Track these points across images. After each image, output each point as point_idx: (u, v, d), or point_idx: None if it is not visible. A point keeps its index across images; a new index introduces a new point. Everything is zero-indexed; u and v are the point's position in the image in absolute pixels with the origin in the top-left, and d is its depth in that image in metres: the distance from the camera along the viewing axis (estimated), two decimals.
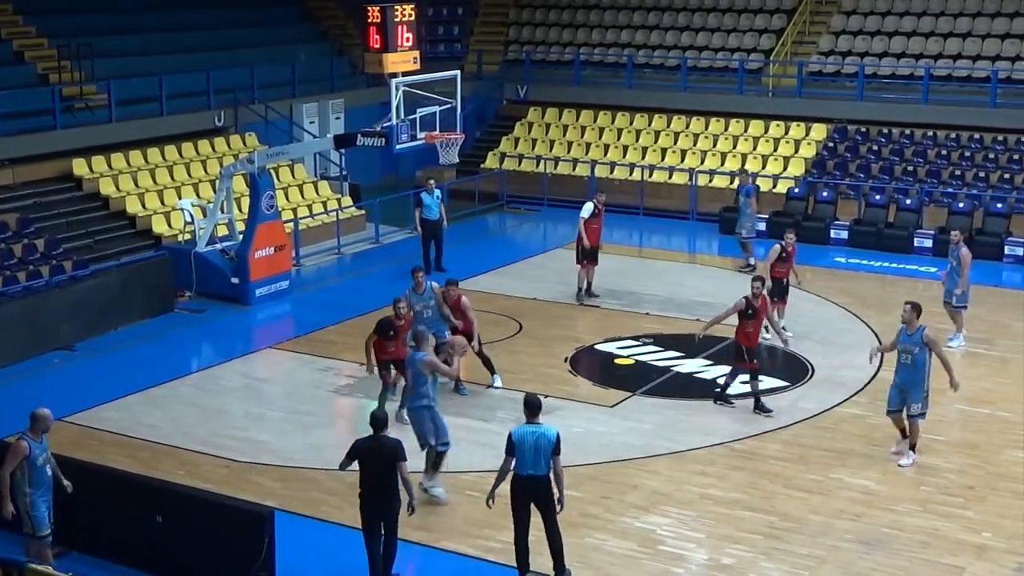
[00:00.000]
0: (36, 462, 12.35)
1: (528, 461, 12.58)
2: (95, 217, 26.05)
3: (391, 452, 12.55)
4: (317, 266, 26.83)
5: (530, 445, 12.55)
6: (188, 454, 16.44)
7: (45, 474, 12.49)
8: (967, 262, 20.41)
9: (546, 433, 12.64)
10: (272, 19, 35.54)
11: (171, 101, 28.83)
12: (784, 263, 20.82)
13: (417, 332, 15.52)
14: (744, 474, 15.74)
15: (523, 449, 12.56)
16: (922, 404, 15.81)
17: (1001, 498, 15.05)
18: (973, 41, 32.52)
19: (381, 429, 12.70)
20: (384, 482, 12.62)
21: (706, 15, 36.41)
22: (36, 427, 12.47)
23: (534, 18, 38.82)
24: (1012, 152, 29.90)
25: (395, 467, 12.52)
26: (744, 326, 17.65)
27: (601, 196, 23.87)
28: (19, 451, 12.30)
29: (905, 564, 13.41)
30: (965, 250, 20.50)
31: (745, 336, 17.67)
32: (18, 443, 12.37)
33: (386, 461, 12.54)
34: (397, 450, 12.56)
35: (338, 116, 32.39)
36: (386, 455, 12.55)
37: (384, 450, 12.59)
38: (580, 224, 23.19)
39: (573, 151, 33.88)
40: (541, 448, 12.56)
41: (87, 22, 29.64)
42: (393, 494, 12.65)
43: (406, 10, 23.77)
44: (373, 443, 12.68)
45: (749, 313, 17.59)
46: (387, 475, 12.59)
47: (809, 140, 31.98)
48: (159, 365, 20.06)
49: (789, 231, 21.58)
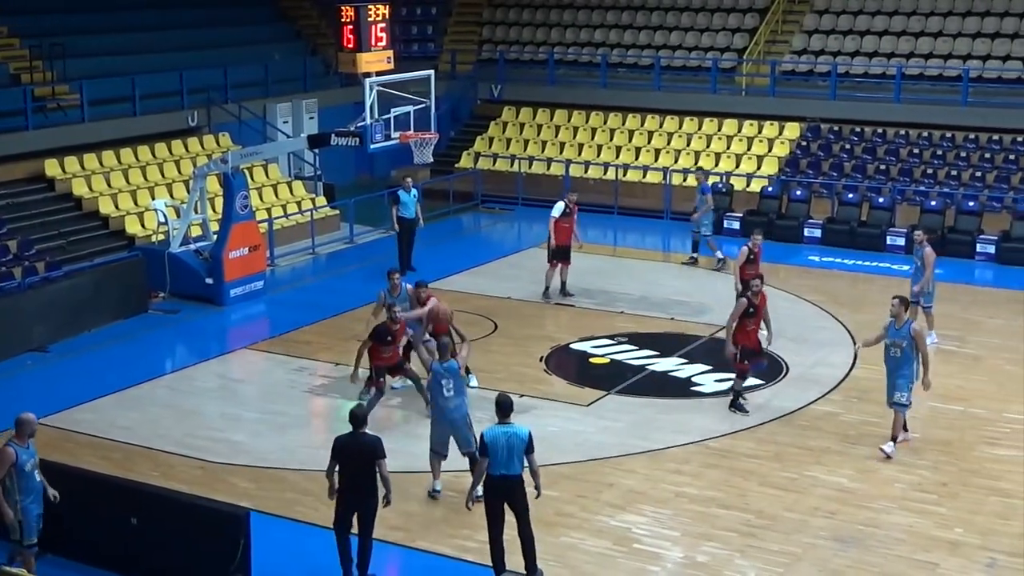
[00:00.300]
0: (24, 468, 12.13)
1: (501, 461, 12.60)
2: (68, 218, 25.92)
3: (370, 449, 12.56)
4: (292, 266, 26.77)
5: (503, 445, 12.58)
6: (163, 455, 16.39)
7: (34, 480, 12.28)
8: (930, 261, 20.45)
9: (518, 432, 12.67)
10: (245, 19, 35.45)
11: (144, 101, 28.71)
12: (753, 264, 20.88)
13: (442, 344, 15.22)
14: (719, 472, 15.78)
15: (496, 449, 12.57)
16: (908, 395, 16.04)
17: (974, 494, 15.14)
18: (944, 40, 32.70)
19: (360, 426, 12.69)
20: (362, 479, 12.63)
21: (679, 14, 36.49)
22: (21, 432, 12.24)
23: (508, 18, 38.83)
24: (983, 151, 30.08)
25: (373, 464, 12.52)
26: (745, 325, 17.63)
27: (572, 195, 23.84)
28: (6, 458, 12.04)
29: (879, 561, 13.47)
30: (929, 249, 20.56)
31: (745, 335, 17.64)
32: (4, 450, 12.11)
33: (365, 458, 12.55)
34: (376, 447, 12.57)
35: (312, 116, 32.32)
36: (365, 452, 12.56)
37: (363, 447, 12.60)
38: (550, 223, 23.22)
39: (547, 150, 33.90)
40: (514, 448, 12.59)
41: (59, 22, 29.50)
42: (371, 491, 12.66)
43: (380, 10, 23.73)
44: (352, 440, 12.68)
45: (751, 312, 17.60)
46: (365, 472, 12.59)
47: (782, 139, 32.09)
48: (133, 366, 19.98)
49: (756, 232, 21.62)
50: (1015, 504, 14.84)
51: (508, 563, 12.91)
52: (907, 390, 16.02)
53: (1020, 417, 17.57)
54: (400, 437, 16.80)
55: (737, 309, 17.62)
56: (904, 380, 16.01)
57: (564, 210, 23.32)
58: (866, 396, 18.37)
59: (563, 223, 23.27)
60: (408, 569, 13.75)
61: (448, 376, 14.65)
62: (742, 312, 17.49)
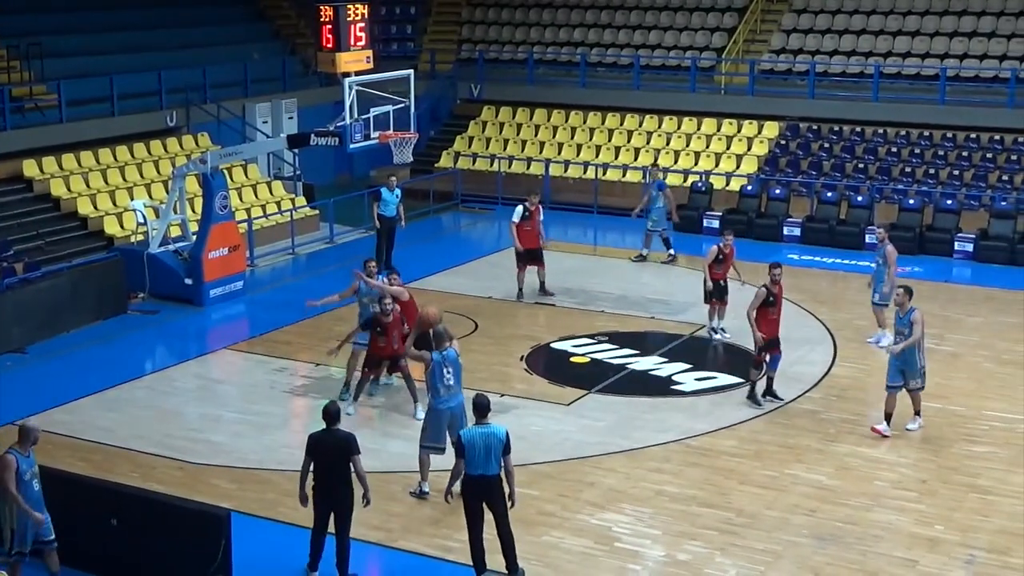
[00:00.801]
0: (23, 477, 11.99)
1: (479, 461, 12.60)
2: (46, 218, 25.82)
3: (344, 445, 12.58)
4: (271, 266, 26.72)
5: (480, 446, 12.58)
6: (142, 456, 16.34)
7: (32, 489, 12.12)
8: (893, 260, 20.54)
9: (496, 433, 12.67)
10: (224, 18, 35.36)
11: (122, 101, 28.62)
12: (722, 265, 20.91)
13: (438, 332, 15.06)
14: (700, 470, 15.82)
15: (474, 450, 12.58)
16: (921, 380, 16.78)
17: (953, 491, 15.22)
18: (922, 39, 32.84)
19: (334, 422, 12.70)
20: (336, 476, 12.64)
21: (658, 14, 36.55)
22: (24, 440, 12.11)
23: (487, 17, 38.84)
24: (961, 149, 30.22)
25: (348, 460, 12.54)
26: (766, 314, 17.78)
27: (534, 198, 23.48)
28: (8, 465, 11.90)
29: (859, 558, 13.53)
30: (891, 247, 20.66)
31: (767, 324, 17.80)
32: (4, 457, 11.98)
33: (339, 454, 12.57)
34: (350, 443, 12.59)
35: (291, 116, 32.28)
36: (339, 448, 12.58)
37: (338, 443, 12.62)
38: (511, 228, 23.15)
39: (527, 150, 33.91)
40: (492, 448, 12.59)
41: (37, 22, 29.39)
42: (345, 488, 12.67)
43: (359, 9, 23.69)
44: (326, 436, 12.70)
45: (771, 301, 17.78)
46: (340, 468, 12.61)
47: (761, 138, 32.17)
48: (112, 367, 19.91)
49: (727, 232, 21.62)
50: (994, 501, 14.93)
51: (489, 563, 12.91)
52: (917, 376, 16.75)
53: (999, 414, 17.69)
54: (380, 437, 16.82)
55: (756, 299, 17.80)
56: (913, 368, 16.70)
57: (524, 213, 23.11)
58: (845, 394, 18.47)
59: (525, 227, 23.05)
60: (389, 570, 13.75)
61: (448, 364, 14.69)
62: (762, 301, 17.70)
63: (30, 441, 12.15)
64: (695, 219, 29.08)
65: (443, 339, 14.94)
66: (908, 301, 16.74)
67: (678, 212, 27.45)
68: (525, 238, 23.11)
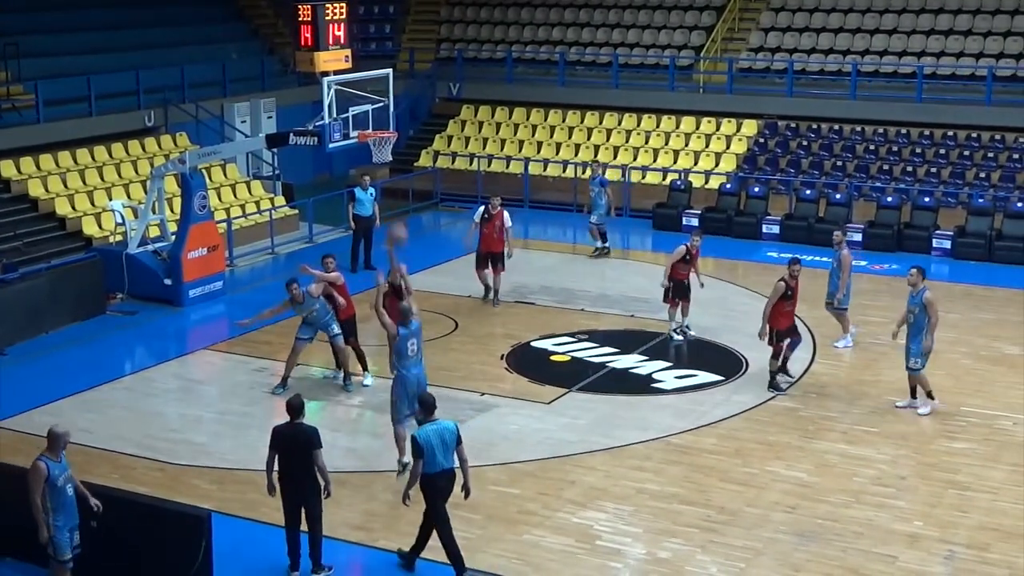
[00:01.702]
0: (56, 483, 11.85)
1: (439, 458, 12.69)
2: (24, 219, 25.69)
3: (306, 439, 12.66)
4: (251, 266, 26.67)
5: (436, 443, 12.68)
6: (123, 458, 16.30)
7: (66, 495, 12.00)
8: (847, 264, 20.53)
9: (448, 427, 12.83)
10: (202, 18, 35.24)
11: (100, 101, 28.51)
12: (687, 265, 20.94)
13: (403, 307, 15.48)
14: (680, 468, 15.86)
15: (431, 448, 12.65)
16: (921, 360, 17.44)
17: (932, 487, 15.29)
18: (899, 37, 33.00)
19: (297, 415, 12.78)
20: (299, 469, 12.72)
21: (636, 12, 36.63)
22: (54, 445, 11.97)
23: (466, 16, 38.86)
24: (938, 147, 30.35)
25: (310, 454, 12.59)
26: (782, 307, 18.24)
27: (495, 200, 23.25)
28: (39, 473, 11.79)
29: (839, 554, 13.58)
30: (846, 252, 20.71)
31: (779, 317, 18.27)
32: (35, 465, 11.85)
33: (301, 448, 12.65)
34: (312, 437, 12.68)
35: (270, 115, 32.21)
36: (301, 441, 12.67)
37: (299, 436, 12.71)
38: (470, 227, 23.04)
39: (506, 149, 33.93)
40: (447, 442, 12.73)
41: (13, 21, 29.23)
42: (309, 481, 12.73)
43: (337, 8, 23.65)
44: (289, 429, 12.80)
45: (788, 295, 18.23)
46: (302, 462, 12.68)
47: (740, 136, 32.25)
48: (92, 368, 19.86)
49: (696, 233, 21.65)
50: (973, 497, 15.01)
51: (480, 563, 12.93)
52: (918, 356, 17.43)
53: (977, 410, 17.78)
54: (361, 436, 16.82)
55: (775, 293, 18.24)
56: (916, 346, 17.33)
57: (484, 215, 23.01)
58: (825, 391, 18.54)
59: (484, 229, 22.89)
60: (370, 568, 13.74)
61: (412, 336, 15.10)
62: (780, 295, 18.13)
63: (60, 445, 11.98)
64: (675, 217, 29.14)
65: (408, 314, 15.30)
66: (921, 280, 17.45)
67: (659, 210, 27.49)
68: (484, 240, 22.96)
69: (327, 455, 12.85)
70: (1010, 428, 17.15)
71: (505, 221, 23.00)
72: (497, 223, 22.94)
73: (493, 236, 22.95)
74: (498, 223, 22.94)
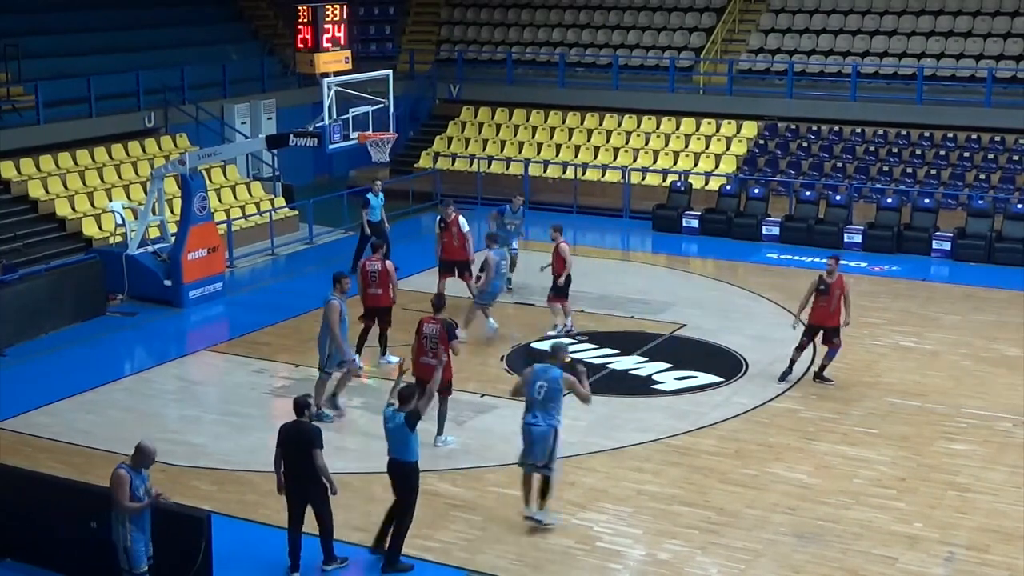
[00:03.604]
0: (136, 492, 11.74)
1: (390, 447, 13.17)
2: (24, 220, 25.70)
3: (308, 438, 12.74)
4: (251, 267, 26.67)
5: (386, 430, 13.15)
6: (122, 459, 16.18)
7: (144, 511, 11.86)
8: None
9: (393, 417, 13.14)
10: (202, 19, 35.27)
11: (100, 102, 28.52)
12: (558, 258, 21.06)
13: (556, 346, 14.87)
14: (680, 470, 15.86)
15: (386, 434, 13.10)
16: None
17: (932, 489, 15.29)
18: (899, 39, 33.01)
19: (301, 414, 12.88)
20: (301, 467, 12.81)
21: (637, 14, 36.64)
22: (138, 460, 11.83)
23: (466, 17, 38.86)
24: (938, 148, 30.36)
25: (310, 453, 12.66)
26: (817, 302, 18.62)
27: (448, 209, 22.43)
28: (121, 481, 11.66)
29: (839, 556, 13.58)
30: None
31: (816, 311, 18.65)
32: (117, 472, 11.75)
33: (302, 446, 12.73)
34: (313, 436, 12.76)
35: (270, 116, 32.22)
36: (303, 440, 12.75)
37: (301, 435, 12.79)
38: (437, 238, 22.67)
39: (506, 150, 33.94)
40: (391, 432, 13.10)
41: (14, 22, 29.23)
42: (310, 479, 12.82)
43: (337, 9, 23.68)
44: (292, 427, 12.90)
45: (822, 289, 18.54)
46: (304, 461, 12.76)
47: (740, 137, 32.26)
48: (92, 369, 19.85)
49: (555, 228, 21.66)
50: (973, 498, 15.01)
51: (480, 564, 12.91)
52: None
53: (977, 412, 17.78)
54: (362, 437, 16.81)
55: (810, 288, 18.72)
56: None
57: (440, 224, 22.57)
58: (825, 393, 18.53)
59: (444, 238, 22.46)
60: (370, 569, 13.72)
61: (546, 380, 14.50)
62: (813, 289, 18.62)
63: (143, 464, 11.85)
64: (675, 219, 29.16)
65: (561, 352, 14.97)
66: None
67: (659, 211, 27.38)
68: (445, 249, 22.48)
69: (327, 456, 12.84)
70: (1010, 430, 17.15)
71: (462, 226, 22.35)
72: (454, 229, 22.34)
73: (453, 244, 22.39)
74: (455, 229, 22.34)
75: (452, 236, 22.39)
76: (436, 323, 16.27)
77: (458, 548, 13.66)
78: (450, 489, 15.20)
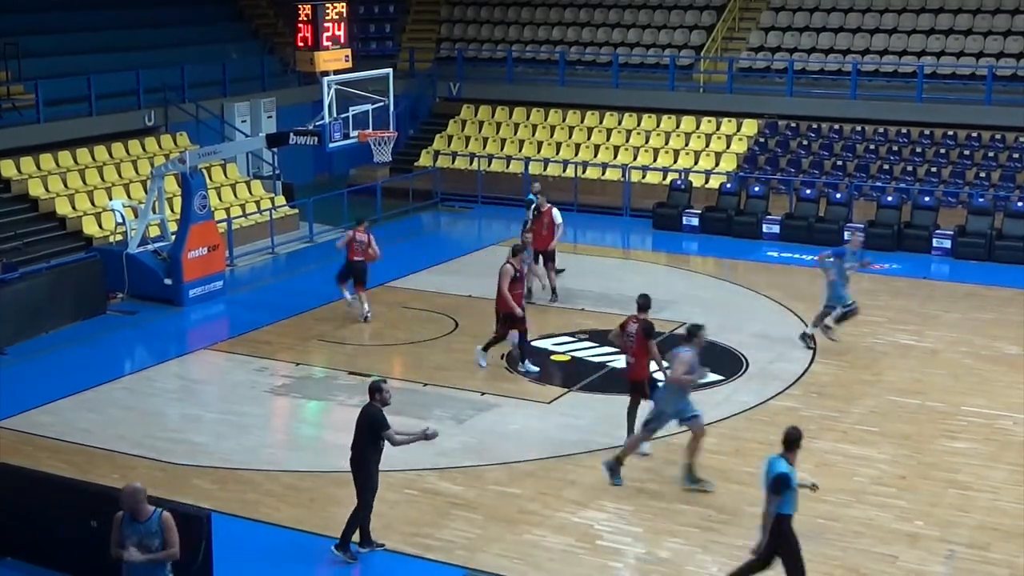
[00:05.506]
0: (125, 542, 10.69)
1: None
2: (24, 219, 25.68)
3: (368, 420, 13.01)
4: (251, 266, 26.66)
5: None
6: (123, 457, 16.28)
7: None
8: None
9: None
10: (202, 18, 35.24)
11: (100, 101, 28.50)
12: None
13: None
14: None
15: None
16: None
17: (932, 487, 15.28)
18: (899, 37, 32.99)
19: (372, 397, 13.13)
20: (359, 448, 13.10)
21: (637, 12, 36.62)
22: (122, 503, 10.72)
23: (466, 15, 38.85)
24: (938, 146, 30.35)
25: (366, 435, 12.96)
26: None
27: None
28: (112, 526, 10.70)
29: (839, 554, 13.58)
30: None
31: None
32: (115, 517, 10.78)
33: (361, 428, 13.04)
34: (373, 418, 12.98)
35: (270, 115, 32.21)
36: (363, 423, 13.05)
37: (363, 417, 13.09)
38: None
39: (506, 148, 33.92)
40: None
41: (14, 21, 29.21)
42: (361, 462, 13.06)
43: (337, 8, 23.66)
44: (362, 410, 13.23)
45: None
46: (360, 441, 13.07)
47: (740, 136, 32.25)
48: (92, 368, 19.84)
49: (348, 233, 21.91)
50: (973, 496, 15.01)
51: (481, 563, 12.91)
52: None
53: (977, 410, 17.76)
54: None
55: None
56: None
57: (534, 212, 23.11)
58: (825, 391, 18.52)
59: (533, 224, 22.96)
60: (371, 568, 13.72)
61: None
62: None
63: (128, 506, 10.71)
64: (675, 217, 29.16)
65: None
66: None
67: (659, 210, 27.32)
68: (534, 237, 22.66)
69: (328, 455, 12.87)
70: (1011, 428, 17.14)
71: (555, 218, 23.18)
72: (546, 220, 23.09)
73: (542, 232, 22.99)
74: (547, 220, 23.09)
75: (543, 225, 22.97)
76: (637, 322, 16.29)
77: (458, 546, 13.65)
78: (451, 488, 15.20)
